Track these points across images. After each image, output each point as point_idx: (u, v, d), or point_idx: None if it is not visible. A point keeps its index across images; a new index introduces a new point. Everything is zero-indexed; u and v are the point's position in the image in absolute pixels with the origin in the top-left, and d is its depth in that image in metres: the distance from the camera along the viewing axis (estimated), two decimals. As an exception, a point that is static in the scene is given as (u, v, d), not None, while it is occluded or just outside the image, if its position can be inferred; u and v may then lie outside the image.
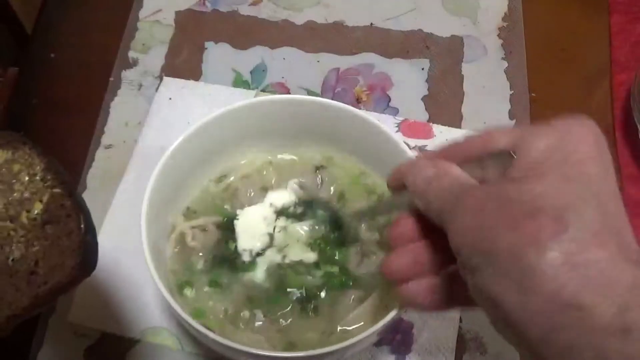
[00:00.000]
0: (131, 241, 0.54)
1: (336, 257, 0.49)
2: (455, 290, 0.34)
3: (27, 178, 0.38)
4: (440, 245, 0.34)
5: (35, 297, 0.35)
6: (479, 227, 0.28)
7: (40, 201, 0.37)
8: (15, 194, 0.38)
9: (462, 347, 0.52)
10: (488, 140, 0.33)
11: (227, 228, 0.51)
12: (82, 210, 0.37)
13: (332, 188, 0.53)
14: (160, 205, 0.49)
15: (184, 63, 0.67)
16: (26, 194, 0.38)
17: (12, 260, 0.36)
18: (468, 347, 0.52)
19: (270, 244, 0.50)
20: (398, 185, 0.37)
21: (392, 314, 0.42)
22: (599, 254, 0.25)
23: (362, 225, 0.49)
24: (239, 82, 0.66)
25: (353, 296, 0.47)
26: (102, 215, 0.57)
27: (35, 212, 0.37)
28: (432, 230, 0.34)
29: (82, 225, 0.36)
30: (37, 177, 0.38)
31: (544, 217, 0.26)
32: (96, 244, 0.37)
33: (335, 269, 0.48)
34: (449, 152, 0.35)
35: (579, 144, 0.29)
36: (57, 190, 0.37)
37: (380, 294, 0.47)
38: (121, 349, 0.52)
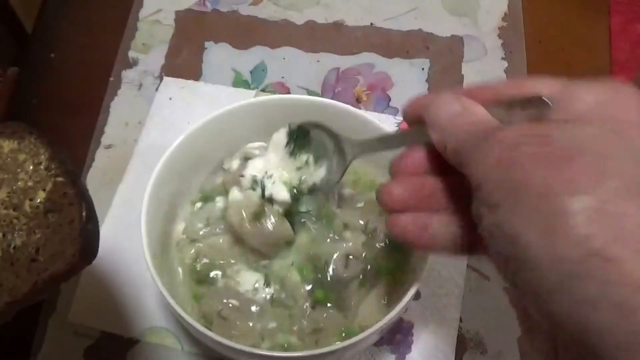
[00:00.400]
0: (131, 241, 0.54)
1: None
2: (451, 233, 0.33)
3: (31, 167, 0.38)
4: (445, 185, 0.33)
5: (34, 284, 0.35)
6: (510, 162, 0.27)
7: (44, 190, 0.38)
8: (19, 183, 0.38)
9: (462, 347, 0.52)
10: (524, 85, 0.32)
11: None
12: (84, 199, 0.37)
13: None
14: (161, 205, 0.49)
15: (184, 63, 0.67)
16: (30, 183, 0.38)
17: (14, 247, 0.36)
18: (468, 347, 0.52)
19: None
20: (414, 117, 0.35)
21: (392, 314, 0.42)
22: (636, 209, 0.24)
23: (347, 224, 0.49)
24: (239, 82, 0.66)
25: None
26: (102, 215, 0.57)
27: (38, 200, 0.37)
28: (439, 170, 0.33)
29: (84, 214, 0.36)
30: (42, 167, 0.38)
31: (585, 161, 0.25)
32: (97, 232, 0.37)
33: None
34: (476, 93, 0.33)
35: (625, 109, 0.28)
36: (60, 179, 0.38)
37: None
38: (121, 349, 0.52)
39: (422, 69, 0.67)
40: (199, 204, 0.52)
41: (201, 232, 0.50)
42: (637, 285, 0.22)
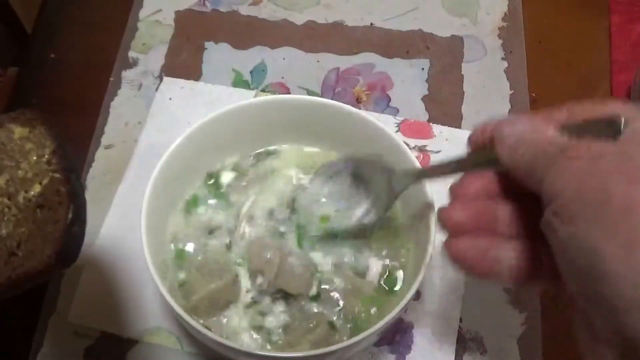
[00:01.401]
0: (131, 241, 0.54)
1: None
2: (513, 260, 0.33)
3: (35, 158, 0.38)
4: (507, 211, 0.33)
5: (8, 278, 0.34)
6: (590, 174, 0.27)
7: (40, 183, 0.37)
8: (19, 172, 0.37)
9: (462, 347, 0.52)
10: (599, 107, 0.31)
11: None
12: (73, 200, 0.36)
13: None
14: (161, 205, 0.49)
15: (184, 63, 0.67)
16: (29, 174, 0.37)
17: None
18: (468, 347, 0.52)
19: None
20: (480, 140, 0.35)
21: (392, 314, 0.42)
22: None
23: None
24: (239, 82, 0.66)
25: None
26: (102, 215, 0.57)
27: (32, 193, 0.37)
28: (500, 196, 0.33)
29: (70, 215, 0.35)
30: (44, 159, 0.38)
31: None
32: (82, 236, 0.37)
33: None
34: (549, 115, 0.33)
35: None
36: (57, 175, 0.37)
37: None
38: (121, 349, 0.52)
39: (422, 69, 0.67)
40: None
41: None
42: None
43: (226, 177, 0.54)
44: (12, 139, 0.39)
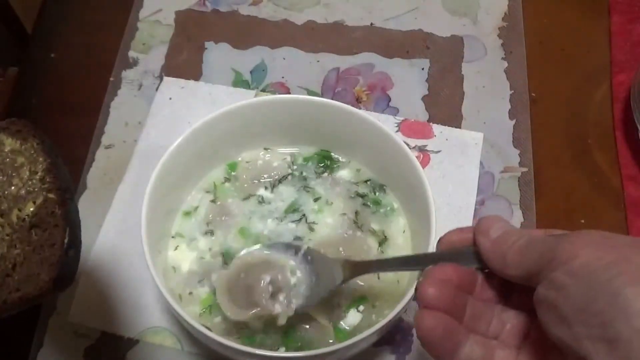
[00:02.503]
0: (131, 241, 0.54)
1: None
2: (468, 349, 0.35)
3: (27, 174, 0.36)
4: (474, 306, 0.36)
5: (3, 302, 0.34)
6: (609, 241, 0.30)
7: (34, 202, 0.36)
8: (12, 189, 0.36)
9: (462, 347, 0.52)
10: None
11: None
12: (69, 223, 0.35)
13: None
14: (161, 205, 0.49)
15: (184, 63, 0.67)
16: (22, 192, 0.36)
17: None
18: (468, 347, 0.52)
19: None
20: (455, 239, 0.38)
21: (392, 314, 0.42)
22: None
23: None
24: (239, 82, 0.66)
25: None
26: (102, 215, 0.57)
27: (26, 213, 0.35)
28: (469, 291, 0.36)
29: (66, 240, 0.34)
30: (37, 177, 0.36)
31: None
32: (77, 259, 0.36)
33: None
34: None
35: None
36: (51, 195, 0.36)
37: None
38: (121, 349, 0.52)
39: (422, 69, 0.67)
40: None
41: None
42: None
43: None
44: (2, 151, 0.37)
